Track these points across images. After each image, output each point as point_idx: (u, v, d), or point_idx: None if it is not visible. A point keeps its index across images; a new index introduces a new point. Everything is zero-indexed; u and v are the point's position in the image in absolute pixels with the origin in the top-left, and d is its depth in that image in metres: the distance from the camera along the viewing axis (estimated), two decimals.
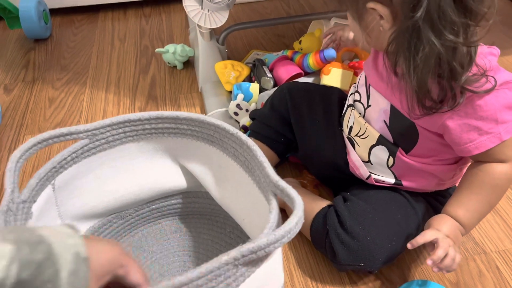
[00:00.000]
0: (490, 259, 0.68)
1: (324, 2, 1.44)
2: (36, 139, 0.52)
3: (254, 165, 0.55)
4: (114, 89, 1.08)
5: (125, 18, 1.39)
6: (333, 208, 0.65)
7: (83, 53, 1.23)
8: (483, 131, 0.53)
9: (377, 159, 0.64)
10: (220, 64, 0.99)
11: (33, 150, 0.52)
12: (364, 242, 0.59)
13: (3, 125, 0.98)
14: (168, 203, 0.71)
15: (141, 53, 1.22)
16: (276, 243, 0.40)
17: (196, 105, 1.02)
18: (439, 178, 0.63)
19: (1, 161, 0.89)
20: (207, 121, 0.59)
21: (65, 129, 0.55)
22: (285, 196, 0.46)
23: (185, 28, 1.33)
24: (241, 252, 0.39)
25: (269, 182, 0.49)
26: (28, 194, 0.50)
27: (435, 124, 0.55)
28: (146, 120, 0.60)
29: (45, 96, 1.07)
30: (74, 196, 0.59)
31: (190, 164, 0.65)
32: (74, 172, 0.58)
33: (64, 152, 0.56)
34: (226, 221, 0.71)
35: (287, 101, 0.75)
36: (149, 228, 0.71)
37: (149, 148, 0.64)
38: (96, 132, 0.58)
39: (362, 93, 0.65)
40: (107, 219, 0.66)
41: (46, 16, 1.28)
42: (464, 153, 0.55)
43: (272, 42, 1.23)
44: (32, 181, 0.51)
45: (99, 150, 0.60)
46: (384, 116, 0.61)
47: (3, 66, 1.18)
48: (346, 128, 0.69)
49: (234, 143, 0.58)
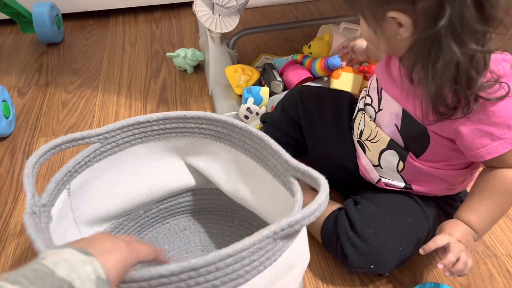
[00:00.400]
0: (501, 263, 0.69)
1: (332, 7, 1.45)
2: (50, 145, 0.53)
3: (267, 154, 0.56)
4: (126, 93, 1.10)
5: (136, 23, 1.41)
6: (343, 211, 0.65)
7: (95, 57, 1.25)
8: (495, 137, 0.53)
9: (387, 164, 0.65)
10: (230, 68, 1.00)
11: (48, 156, 0.53)
12: (374, 245, 0.60)
13: (17, 128, 1.00)
14: (176, 201, 0.72)
15: (152, 57, 1.24)
16: (311, 216, 0.42)
17: (206, 109, 1.03)
18: (449, 182, 0.63)
19: (16, 163, 0.91)
20: (215, 117, 0.60)
21: (78, 134, 0.56)
22: (307, 177, 0.49)
23: (195, 32, 1.34)
24: (280, 226, 0.41)
25: (287, 167, 0.52)
26: (47, 198, 0.51)
27: (447, 130, 0.56)
28: (155, 122, 0.62)
29: (58, 99, 1.09)
30: (87, 201, 0.60)
31: (198, 162, 0.66)
32: (87, 177, 0.59)
33: (77, 157, 0.57)
34: (233, 214, 0.72)
35: (297, 104, 0.76)
36: (158, 228, 0.72)
37: (157, 149, 0.65)
38: (107, 136, 0.59)
39: (374, 97, 0.65)
40: (118, 222, 0.67)
41: (59, 21, 1.30)
42: (476, 158, 0.56)
43: (281, 47, 1.25)
44: (50, 186, 0.52)
45: (110, 153, 0.61)
46: (396, 120, 0.61)
47: (16, 69, 1.20)
48: (356, 132, 0.69)
49: (243, 136, 0.59)
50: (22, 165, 0.90)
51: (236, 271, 0.40)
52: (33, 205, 0.47)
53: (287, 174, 0.52)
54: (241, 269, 0.41)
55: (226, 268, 0.39)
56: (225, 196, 0.68)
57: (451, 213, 0.65)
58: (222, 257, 0.39)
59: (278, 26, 1.19)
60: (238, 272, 0.40)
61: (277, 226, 0.41)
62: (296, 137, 0.77)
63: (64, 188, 0.55)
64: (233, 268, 0.40)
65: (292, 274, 0.47)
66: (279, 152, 0.53)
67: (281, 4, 1.47)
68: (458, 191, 0.66)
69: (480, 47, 0.47)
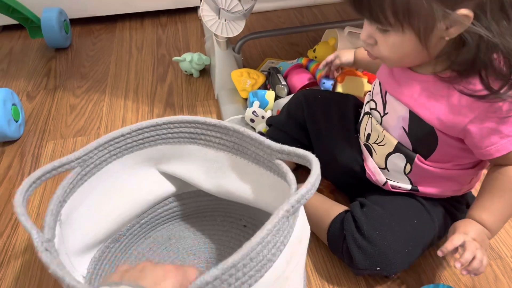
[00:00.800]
0: (505, 264, 0.69)
1: (337, 11, 1.46)
2: (31, 179, 0.52)
3: (246, 145, 0.58)
4: (133, 97, 1.11)
5: (142, 28, 1.43)
6: (350, 213, 0.66)
7: (102, 61, 1.27)
8: (504, 134, 0.54)
9: (394, 166, 0.65)
10: (236, 72, 1.01)
11: (31, 190, 0.52)
12: (381, 247, 0.60)
13: (26, 131, 1.01)
14: (155, 213, 0.71)
15: (158, 61, 1.25)
16: (312, 189, 0.45)
17: (212, 112, 1.05)
18: (457, 182, 0.64)
19: (25, 165, 0.92)
20: (186, 119, 0.61)
21: (57, 161, 0.55)
22: (294, 157, 0.51)
23: (200, 37, 1.36)
24: (290, 204, 0.43)
25: (271, 152, 0.54)
26: (50, 233, 0.50)
27: (456, 129, 0.56)
28: (128, 134, 0.61)
29: (66, 103, 1.10)
30: (76, 229, 0.58)
31: (173, 167, 0.66)
32: (72, 204, 0.57)
33: (64, 184, 0.55)
34: (214, 212, 0.73)
35: (303, 108, 0.77)
36: (143, 244, 0.71)
37: (131, 163, 0.64)
38: (85, 158, 0.57)
39: (378, 102, 0.66)
40: (105, 246, 0.66)
41: (67, 26, 1.32)
42: (485, 156, 0.56)
43: (286, 51, 1.26)
44: (48, 219, 0.51)
45: (89, 176, 0.59)
46: (403, 123, 0.61)
47: (25, 74, 1.22)
48: (363, 135, 0.70)
49: (219, 132, 0.60)
50: (31, 168, 0.92)
51: (266, 256, 0.42)
52: (42, 242, 0.46)
53: (271, 158, 0.54)
54: (268, 254, 0.42)
55: (257, 257, 0.41)
56: (204, 196, 0.69)
57: (456, 216, 0.66)
58: (253, 247, 0.40)
59: (283, 30, 1.20)
60: (267, 257, 0.42)
61: (288, 205, 0.43)
62: (302, 140, 0.78)
63: (57, 220, 0.53)
64: (262, 254, 0.41)
65: (301, 248, 0.50)
66: (259, 139, 0.55)
67: (286, 8, 1.49)
68: (464, 191, 0.67)
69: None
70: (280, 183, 0.55)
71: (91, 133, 1.00)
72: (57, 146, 0.97)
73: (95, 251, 0.64)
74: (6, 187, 0.87)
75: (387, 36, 0.53)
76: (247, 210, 0.71)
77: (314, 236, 0.73)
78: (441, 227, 0.65)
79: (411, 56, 0.55)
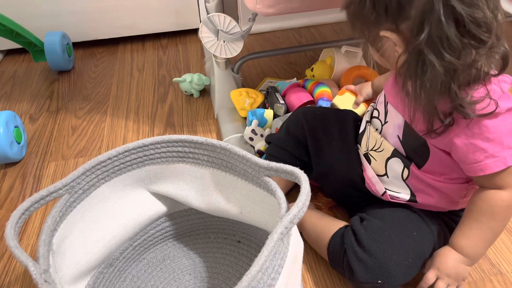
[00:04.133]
0: (506, 279, 0.69)
1: (334, 30, 1.48)
2: (19, 211, 0.51)
3: (234, 162, 0.58)
4: (134, 117, 1.12)
5: (144, 50, 1.46)
6: (350, 227, 0.66)
7: (104, 83, 1.29)
8: (488, 154, 0.54)
9: (393, 172, 0.66)
10: (235, 92, 1.02)
11: (21, 222, 0.51)
12: (381, 259, 0.61)
13: (28, 153, 1.02)
14: (148, 234, 0.71)
15: (159, 82, 1.27)
16: (303, 208, 0.45)
17: (212, 131, 1.06)
18: (451, 196, 0.64)
19: (26, 187, 0.93)
20: (174, 139, 0.61)
21: (45, 190, 0.54)
22: (282, 173, 0.51)
23: (201, 58, 1.38)
24: (284, 225, 0.44)
25: (259, 169, 0.54)
26: (46, 263, 0.49)
27: (442, 141, 0.57)
28: (115, 157, 0.60)
29: (68, 124, 1.12)
30: (68, 258, 0.57)
31: (163, 187, 0.66)
32: (63, 232, 0.56)
33: (53, 213, 0.54)
34: (207, 230, 0.73)
35: (303, 125, 0.78)
36: (137, 266, 0.71)
37: (120, 185, 0.63)
38: (73, 184, 0.57)
39: (381, 110, 0.68)
40: (99, 272, 0.65)
41: (70, 49, 1.35)
42: (470, 173, 0.57)
43: (285, 70, 1.28)
44: (42, 249, 0.50)
45: (78, 202, 0.59)
46: (398, 131, 0.63)
47: (28, 97, 1.24)
48: (365, 144, 0.71)
49: (206, 150, 0.60)
50: (33, 189, 0.92)
51: (266, 282, 0.42)
52: (40, 274, 0.45)
53: (259, 175, 0.54)
54: (268, 279, 0.42)
55: (258, 285, 0.41)
56: (195, 214, 0.69)
57: (454, 229, 0.66)
58: (254, 276, 0.40)
59: (282, 50, 1.22)
60: (267, 283, 0.42)
61: (282, 227, 0.43)
62: (301, 157, 0.78)
63: (50, 250, 0.52)
64: (263, 281, 0.42)
65: (296, 265, 0.50)
66: (247, 156, 0.55)
67: (284, 29, 1.51)
68: (461, 206, 0.67)
69: (456, 59, 0.49)
70: (270, 198, 0.56)
71: (93, 153, 1.01)
72: (58, 167, 0.98)
73: (89, 277, 0.63)
74: (8, 209, 0.88)
75: (372, 47, 0.60)
76: (240, 226, 0.71)
77: (314, 253, 0.73)
78: (440, 240, 0.65)
79: (387, 65, 0.60)
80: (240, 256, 0.70)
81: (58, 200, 0.56)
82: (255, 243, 0.71)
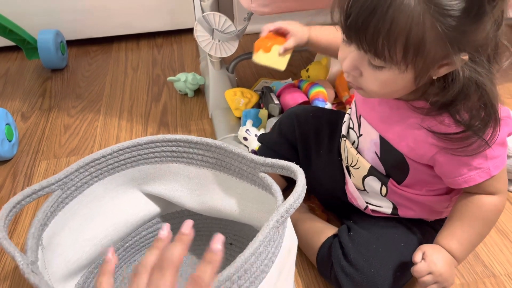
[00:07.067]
0: (499, 282, 0.68)
1: None
2: (10, 204, 0.51)
3: (229, 160, 0.58)
4: (127, 116, 1.11)
5: (138, 48, 1.45)
6: (337, 239, 0.65)
7: (97, 82, 1.28)
8: (472, 167, 0.53)
9: (371, 188, 0.65)
10: (230, 92, 1.02)
11: (11, 215, 0.51)
12: (368, 274, 0.60)
13: (19, 151, 1.01)
14: (139, 236, 0.70)
15: (153, 81, 1.26)
16: (299, 199, 0.46)
17: (206, 131, 1.05)
18: (433, 208, 0.63)
19: (17, 185, 0.92)
20: (168, 138, 0.61)
21: (37, 185, 0.53)
22: (278, 169, 0.52)
23: (195, 57, 1.38)
24: (280, 214, 0.44)
25: (255, 166, 0.54)
26: (34, 255, 0.48)
27: (424, 157, 0.56)
28: (109, 155, 0.60)
29: (61, 123, 1.11)
30: (58, 255, 0.56)
31: (156, 187, 0.65)
32: (54, 228, 0.55)
33: (44, 207, 0.53)
34: (199, 232, 0.71)
35: (295, 128, 0.77)
36: (128, 268, 0.69)
37: (113, 184, 0.63)
38: (66, 181, 0.56)
39: (354, 122, 0.66)
40: (89, 271, 0.63)
41: (63, 47, 1.34)
42: (453, 186, 0.56)
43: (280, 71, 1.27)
44: (30, 242, 0.49)
45: (70, 199, 0.58)
46: (375, 148, 0.61)
47: (20, 94, 1.22)
48: (344, 158, 0.70)
49: (201, 150, 0.60)
50: (23, 187, 0.91)
51: (259, 268, 0.42)
52: (27, 265, 0.45)
53: (255, 172, 0.54)
54: (261, 265, 0.43)
55: (251, 268, 0.41)
56: (188, 216, 0.69)
57: None
58: (247, 258, 0.41)
59: None
60: (260, 268, 0.43)
61: (278, 215, 0.44)
62: (293, 159, 0.77)
63: (39, 244, 0.52)
64: (256, 266, 0.42)
65: (290, 259, 0.50)
66: (242, 154, 0.55)
67: None
68: (446, 215, 0.65)
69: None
70: (265, 195, 0.56)
71: (85, 152, 1.00)
72: (50, 166, 0.97)
73: (79, 277, 0.62)
74: None
75: (379, 72, 0.48)
76: (233, 227, 0.71)
77: (305, 256, 0.72)
78: None
79: (400, 91, 0.51)
80: (232, 259, 0.69)
81: (50, 196, 0.55)
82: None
